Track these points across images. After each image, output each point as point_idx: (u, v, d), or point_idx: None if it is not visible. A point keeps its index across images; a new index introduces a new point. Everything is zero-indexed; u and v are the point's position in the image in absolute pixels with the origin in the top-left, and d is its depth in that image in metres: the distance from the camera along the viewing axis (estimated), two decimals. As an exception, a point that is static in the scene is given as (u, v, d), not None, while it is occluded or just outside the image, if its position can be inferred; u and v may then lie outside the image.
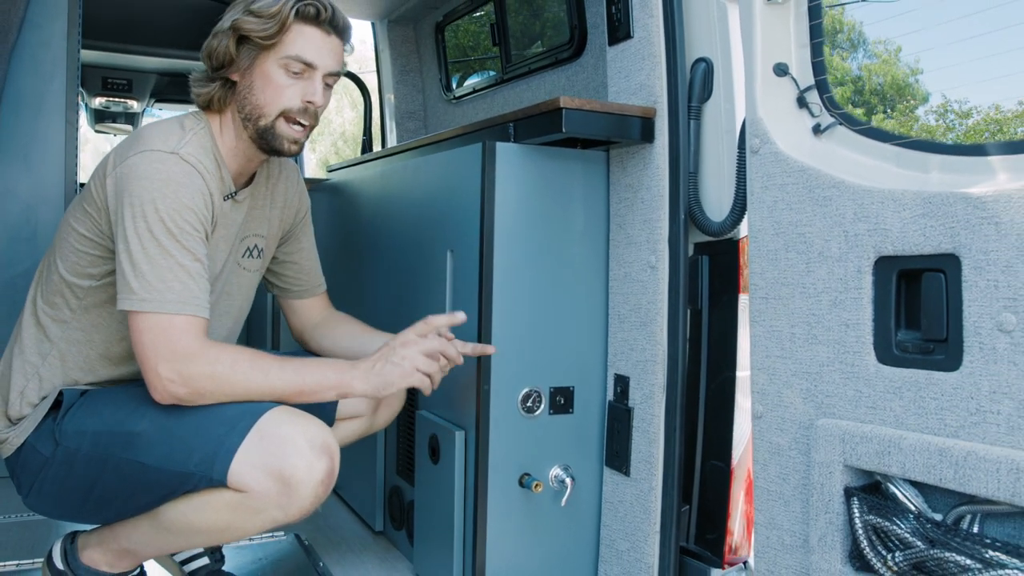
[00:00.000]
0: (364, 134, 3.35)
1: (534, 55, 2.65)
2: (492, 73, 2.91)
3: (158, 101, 5.22)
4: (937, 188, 1.20)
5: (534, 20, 2.70)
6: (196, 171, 1.47)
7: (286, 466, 1.37)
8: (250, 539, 2.18)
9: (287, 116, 1.55)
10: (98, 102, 4.91)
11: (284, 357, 1.51)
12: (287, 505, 1.38)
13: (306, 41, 1.52)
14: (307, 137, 1.61)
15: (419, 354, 1.52)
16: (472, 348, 1.65)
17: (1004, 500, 1.07)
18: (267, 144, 1.57)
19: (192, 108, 1.67)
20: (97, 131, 5.38)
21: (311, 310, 1.88)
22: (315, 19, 1.52)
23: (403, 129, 3.41)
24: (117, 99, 4.88)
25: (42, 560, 1.96)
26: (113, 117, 5.13)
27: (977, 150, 1.25)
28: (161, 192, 1.42)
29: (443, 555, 1.86)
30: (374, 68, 3.56)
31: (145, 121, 5.55)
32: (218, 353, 1.42)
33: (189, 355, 1.39)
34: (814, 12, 1.47)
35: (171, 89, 5.16)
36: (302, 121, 1.56)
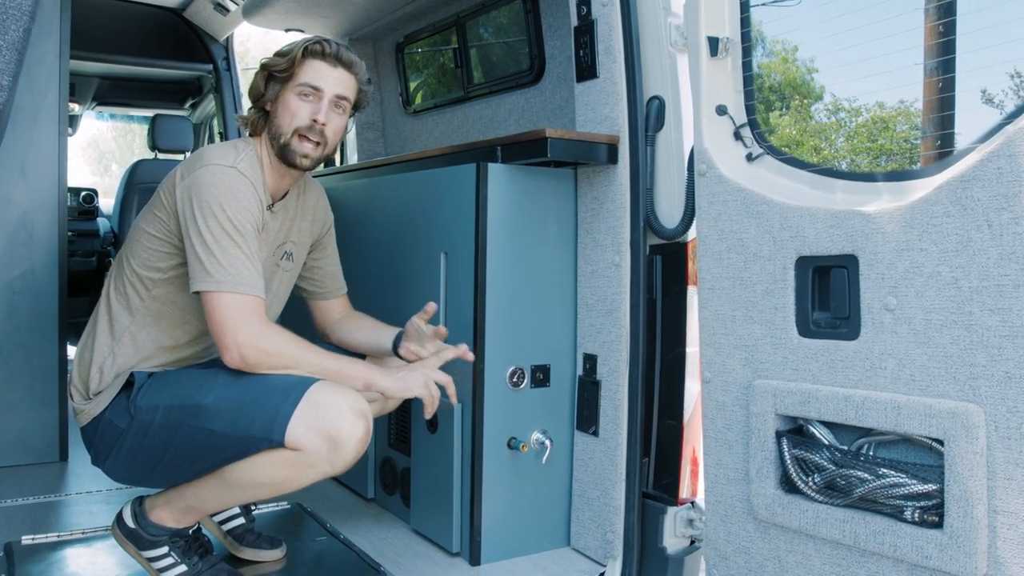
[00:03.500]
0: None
1: (496, 79, 3.00)
2: (453, 91, 3.25)
3: (99, 104, 5.29)
4: (840, 207, 1.63)
5: (496, 48, 3.05)
6: (249, 182, 1.78)
7: (333, 428, 1.67)
8: (259, 507, 2.47)
9: (299, 133, 1.86)
10: (40, 104, 4.95)
11: (325, 349, 1.83)
12: (335, 459, 1.69)
13: (314, 71, 1.87)
14: (319, 154, 1.91)
15: (433, 378, 1.83)
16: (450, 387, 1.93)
17: (889, 430, 1.51)
18: (286, 159, 1.88)
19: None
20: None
21: (334, 309, 2.18)
22: (321, 54, 1.87)
23: (362, 139, 3.70)
24: None
25: (105, 527, 2.20)
26: (53, 119, 5.17)
27: (868, 177, 1.68)
28: (226, 197, 1.72)
29: (442, 512, 2.21)
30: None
31: (83, 123, 5.60)
32: (280, 331, 1.73)
33: (260, 329, 1.69)
34: (747, 66, 1.88)
35: (112, 93, 5.24)
36: (311, 137, 1.87)
